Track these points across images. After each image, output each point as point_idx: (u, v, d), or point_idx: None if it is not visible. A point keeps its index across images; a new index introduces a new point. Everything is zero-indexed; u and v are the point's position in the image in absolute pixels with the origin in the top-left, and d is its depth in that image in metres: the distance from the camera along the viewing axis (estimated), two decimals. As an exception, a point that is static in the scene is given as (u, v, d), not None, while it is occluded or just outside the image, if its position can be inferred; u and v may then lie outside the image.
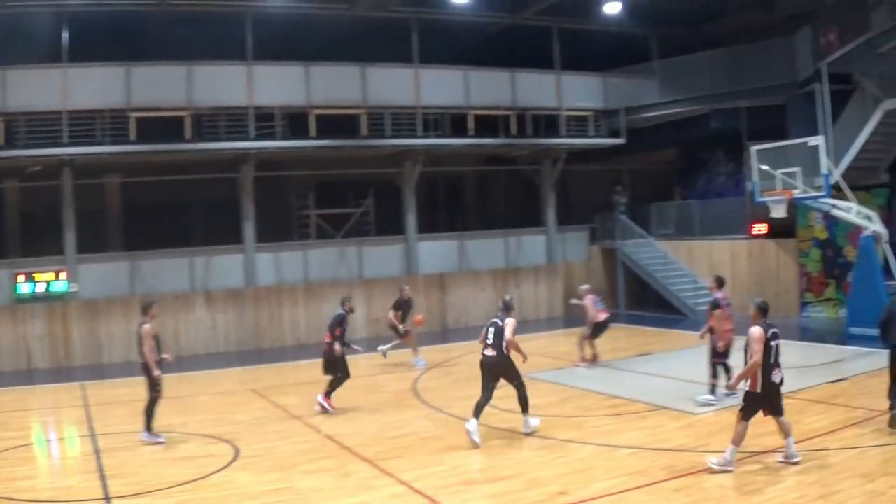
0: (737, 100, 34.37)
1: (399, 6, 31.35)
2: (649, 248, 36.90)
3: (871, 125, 28.31)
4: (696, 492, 12.12)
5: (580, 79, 36.44)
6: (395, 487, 12.99)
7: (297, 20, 30.78)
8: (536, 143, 35.33)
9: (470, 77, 33.68)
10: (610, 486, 12.52)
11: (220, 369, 26.80)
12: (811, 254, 31.36)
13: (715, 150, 38.83)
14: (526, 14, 33.77)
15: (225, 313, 30.27)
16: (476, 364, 16.12)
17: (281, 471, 14.05)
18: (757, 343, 12.86)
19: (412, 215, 33.57)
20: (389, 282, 32.04)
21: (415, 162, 33.22)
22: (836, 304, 30.73)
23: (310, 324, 31.17)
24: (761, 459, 13.45)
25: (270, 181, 32.42)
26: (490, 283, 34.99)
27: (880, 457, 13.15)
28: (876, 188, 30.76)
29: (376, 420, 17.98)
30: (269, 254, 31.30)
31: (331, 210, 33.55)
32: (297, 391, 21.64)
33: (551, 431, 16.11)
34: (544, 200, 37.11)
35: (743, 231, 33.79)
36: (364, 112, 31.34)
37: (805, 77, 31.29)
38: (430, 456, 14.73)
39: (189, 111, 28.71)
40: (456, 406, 18.70)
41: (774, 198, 27.48)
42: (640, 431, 15.89)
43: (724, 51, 35.03)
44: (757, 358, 12.83)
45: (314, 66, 30.89)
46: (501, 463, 14.07)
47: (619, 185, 40.04)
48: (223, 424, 17.93)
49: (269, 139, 29.78)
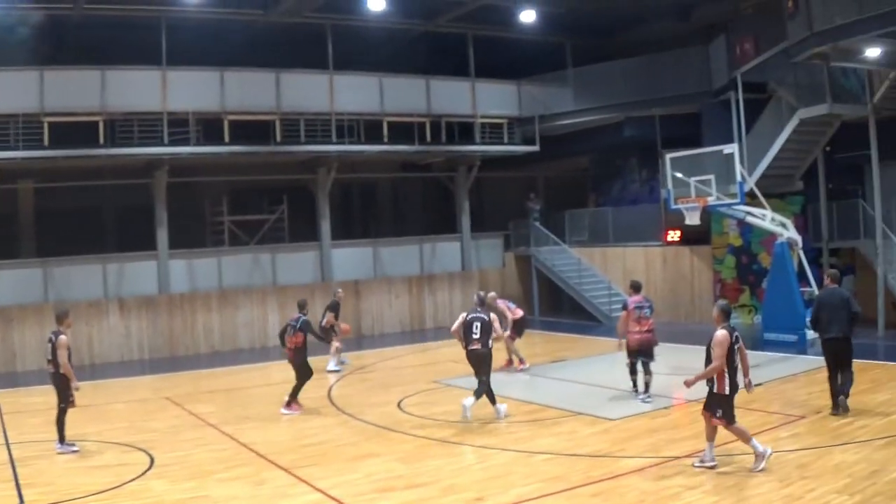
0: (651, 108, 34.77)
1: (314, 12, 31.25)
2: (563, 255, 37.17)
3: (785, 133, 28.78)
4: (613, 497, 12.18)
5: (495, 86, 36.54)
6: (311, 495, 12.92)
7: (212, 25, 30.64)
8: (451, 150, 35.39)
9: (385, 84, 33.61)
10: (527, 491, 12.55)
11: (135, 377, 26.49)
12: (726, 260, 31.78)
13: (629, 157, 39.23)
14: (441, 21, 33.87)
15: (139, 320, 29.91)
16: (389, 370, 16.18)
17: (197, 479, 13.89)
18: (720, 347, 12.98)
19: (326, 222, 33.46)
20: (303, 289, 31.93)
21: (329, 168, 33.10)
22: (751, 311, 31.15)
23: (224, 331, 31.02)
24: (679, 464, 13.58)
25: (184, 187, 32.06)
26: (405, 289, 35.00)
27: (797, 461, 13.30)
28: (790, 196, 31.23)
29: (291, 427, 17.88)
30: (182, 260, 30.96)
31: (244, 216, 33.31)
32: (211, 399, 21.52)
33: (467, 438, 16.14)
34: (459, 207, 37.22)
35: (657, 238, 34.19)
36: (278, 118, 31.14)
37: (720, 86, 31.78)
38: (345, 463, 14.65)
39: (103, 116, 28.28)
40: (371, 413, 18.71)
41: (688, 205, 27.76)
42: (557, 437, 15.95)
43: (638, 59, 35.35)
44: (719, 362, 12.98)
45: (229, 71, 30.60)
46: (417, 470, 14.02)
47: (534, 193, 40.20)
48: (138, 433, 17.70)
49: (183, 145, 29.44)
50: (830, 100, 27.22)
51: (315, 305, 30.12)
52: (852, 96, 27.74)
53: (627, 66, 35.53)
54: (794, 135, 28.75)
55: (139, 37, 29.63)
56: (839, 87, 27.81)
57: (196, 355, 30.22)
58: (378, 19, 32.49)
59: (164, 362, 28.88)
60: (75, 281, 29.31)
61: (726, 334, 13.02)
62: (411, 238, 36.50)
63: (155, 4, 28.85)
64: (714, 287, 31.96)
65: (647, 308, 19.14)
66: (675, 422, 17.12)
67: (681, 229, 32.05)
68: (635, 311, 19.05)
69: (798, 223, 29.30)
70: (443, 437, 16.30)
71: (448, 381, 22.36)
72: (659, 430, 15.98)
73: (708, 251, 32.23)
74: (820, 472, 12.62)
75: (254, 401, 19.73)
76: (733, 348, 13.09)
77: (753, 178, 28.66)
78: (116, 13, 28.90)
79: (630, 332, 19.04)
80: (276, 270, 32.60)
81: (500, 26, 34.69)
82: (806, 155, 30.35)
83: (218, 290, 31.39)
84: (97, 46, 29.46)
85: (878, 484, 11.86)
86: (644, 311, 19.08)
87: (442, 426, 17.24)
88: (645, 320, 19.03)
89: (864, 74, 26.78)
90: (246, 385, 23.91)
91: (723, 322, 13.30)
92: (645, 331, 19.00)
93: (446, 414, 18.20)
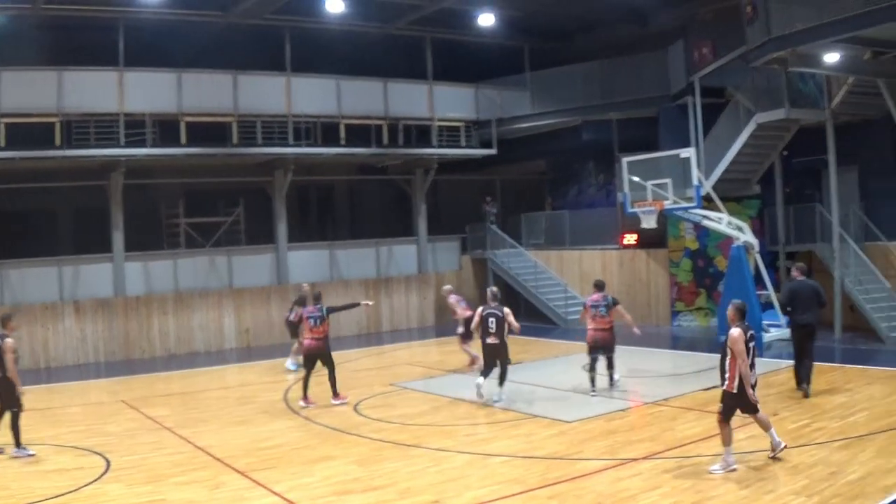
0: (609, 112, 34.93)
1: (273, 14, 31.16)
2: (520, 258, 37.21)
3: (743, 138, 28.99)
4: (570, 499, 12.22)
5: (452, 89, 36.63)
6: (268, 498, 12.90)
7: (170, 27, 30.46)
8: (408, 153, 35.35)
9: (342, 86, 33.58)
10: (484, 493, 12.58)
11: (90, 380, 26.35)
12: (682, 263, 31.92)
13: (586, 161, 39.32)
14: (399, 24, 33.86)
15: (94, 323, 29.64)
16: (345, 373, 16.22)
17: (153, 483, 13.83)
18: (738, 343, 13.02)
19: (283, 224, 33.35)
20: (259, 291, 31.93)
21: (286, 170, 32.98)
22: (707, 313, 31.31)
23: (180, 334, 30.85)
24: (636, 466, 13.63)
25: (140, 189, 31.89)
26: (361, 292, 34.86)
27: (755, 463, 13.39)
28: (747, 199, 31.48)
29: (247, 431, 17.78)
30: (138, 263, 30.72)
31: (201, 219, 33.02)
32: (167, 402, 21.42)
33: (424, 440, 16.12)
34: (416, 210, 37.22)
35: (614, 241, 34.27)
36: (235, 120, 30.99)
37: (678, 90, 31.94)
38: (302, 466, 14.63)
39: (59, 117, 28.02)
40: (327, 416, 18.69)
41: (645, 209, 27.94)
42: (513, 439, 15.98)
43: (596, 63, 35.49)
44: (741, 359, 12.99)
45: (186, 73, 30.40)
46: (374, 472, 14.01)
47: (490, 196, 40.24)
48: (94, 436, 17.58)
49: (140, 146, 29.24)
50: (788, 105, 27.47)
51: (271, 308, 30.17)
52: (810, 101, 27.95)
53: (585, 70, 35.64)
54: (751, 139, 28.97)
55: (97, 37, 29.50)
56: (797, 92, 28.04)
57: (152, 358, 29.99)
58: (336, 22, 32.46)
59: (119, 365, 28.66)
60: (30, 283, 28.99)
61: (741, 332, 13.11)
62: (368, 241, 36.43)
63: (113, 5, 28.65)
64: (670, 290, 32.11)
65: (603, 307, 19.91)
66: (632, 424, 17.19)
67: (637, 233, 32.15)
68: (591, 310, 20.01)
69: (755, 227, 29.60)
70: (399, 439, 16.28)
71: (404, 384, 22.37)
72: (616, 432, 16.05)
73: (664, 254, 32.37)
74: (777, 474, 12.75)
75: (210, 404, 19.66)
76: (748, 346, 13.16)
77: (710, 182, 28.89)
78: (74, 14, 28.66)
79: (588, 328, 20.02)
80: (233, 273, 32.44)
81: (459, 30, 34.79)
82: (763, 159, 30.60)
83: (174, 293, 31.16)
84: (54, 47, 29.25)
85: (835, 485, 11.97)
86: (599, 309, 19.93)
87: (398, 429, 17.22)
88: (600, 318, 19.89)
89: (822, 80, 26.97)
90: (202, 388, 23.77)
91: (738, 321, 13.41)
92: (599, 328, 19.88)
93: (403, 417, 18.22)
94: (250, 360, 28.30)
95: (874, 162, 29.41)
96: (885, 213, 28.61)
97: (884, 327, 25.56)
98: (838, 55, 23.70)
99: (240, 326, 31.82)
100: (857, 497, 11.46)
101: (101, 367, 28.71)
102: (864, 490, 11.72)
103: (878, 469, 12.64)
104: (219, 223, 33.36)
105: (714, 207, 28.10)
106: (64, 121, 28.08)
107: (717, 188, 29.04)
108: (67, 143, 28.13)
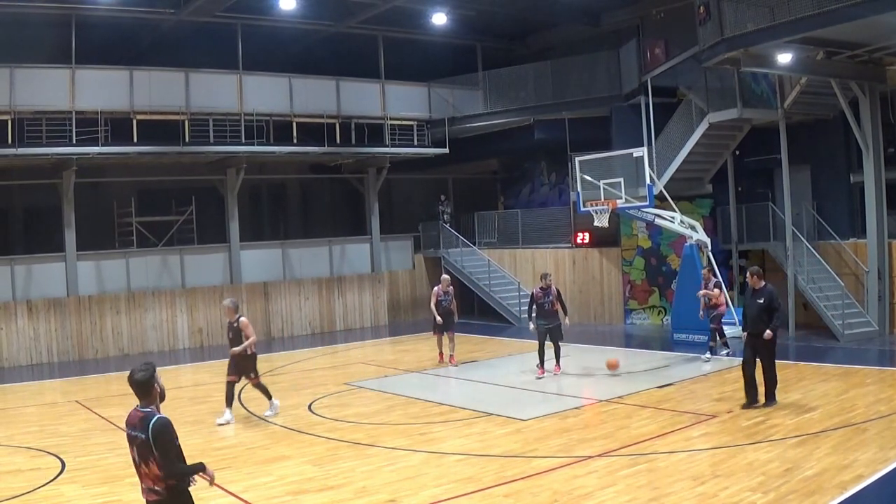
0: (561, 111, 35.01)
1: (224, 12, 31.02)
2: (473, 257, 37.31)
3: (695, 137, 29.23)
4: (526, 497, 12.25)
5: (405, 88, 36.64)
6: (224, 499, 12.85)
7: (122, 23, 30.33)
8: (361, 152, 35.30)
9: (294, 84, 33.49)
10: (440, 492, 12.61)
11: (44, 380, 26.24)
12: (634, 262, 32.16)
13: (539, 160, 39.39)
14: (352, 22, 33.81)
15: (47, 323, 29.43)
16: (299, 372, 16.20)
17: (108, 483, 13.75)
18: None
19: (235, 223, 33.28)
20: (212, 290, 31.83)
21: (238, 169, 32.89)
22: (661, 312, 31.53)
23: (132, 333, 30.70)
24: (590, 463, 13.71)
25: (92, 188, 31.78)
26: (314, 291, 34.90)
27: (710, 459, 13.53)
28: (700, 199, 31.75)
29: (201, 431, 17.70)
30: (90, 262, 30.55)
31: (153, 217, 32.80)
32: (121, 402, 21.16)
33: (379, 439, 16.14)
34: (368, 209, 37.21)
35: (567, 240, 34.42)
36: (187, 118, 30.78)
37: (630, 89, 32.12)
38: (257, 466, 14.61)
39: (11, 115, 27.74)
40: (281, 415, 18.66)
41: (598, 207, 28.08)
42: (468, 438, 16.04)
43: (548, 63, 35.67)
44: None
45: (138, 70, 30.19)
46: (329, 472, 14.02)
47: (443, 195, 40.29)
48: (49, 437, 17.51)
49: (92, 145, 28.99)
50: (741, 104, 27.71)
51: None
52: (762, 101, 28.22)
53: (538, 70, 35.79)
54: (703, 138, 29.22)
55: (49, 34, 29.32)
56: (749, 92, 28.31)
57: (105, 358, 29.85)
58: (288, 20, 32.40)
59: (73, 365, 28.52)
60: (-19, 283, 28.87)
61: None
62: (321, 240, 36.44)
63: (65, 2, 28.47)
64: (623, 288, 32.31)
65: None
66: (586, 421, 17.30)
67: (590, 231, 32.37)
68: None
69: (707, 225, 29.79)
70: (354, 438, 16.29)
71: (358, 383, 22.40)
72: (570, 430, 16.15)
73: (617, 253, 32.58)
74: (733, 471, 12.83)
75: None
76: None
77: (663, 181, 29.07)
78: (26, 10, 28.40)
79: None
80: (185, 272, 32.32)
81: (411, 28, 34.83)
82: (716, 158, 30.84)
83: (126, 292, 31.01)
84: (6, 44, 28.98)
85: (791, 482, 12.08)
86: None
87: (353, 428, 17.23)
88: None
89: (774, 80, 27.20)
90: (155, 388, 23.62)
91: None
92: None
93: (357, 416, 18.24)
94: (203, 360, 28.23)
95: (826, 161, 29.81)
96: (837, 211, 28.98)
97: (838, 325, 25.86)
98: (791, 55, 23.91)
99: (193, 326, 31.71)
100: (814, 493, 11.56)
101: (54, 367, 28.55)
102: (821, 486, 11.83)
103: (834, 465, 12.77)
104: (171, 222, 33.16)
105: (667, 206, 28.26)
106: (16, 118, 27.81)
107: (670, 187, 29.23)
108: (19, 142, 27.90)
